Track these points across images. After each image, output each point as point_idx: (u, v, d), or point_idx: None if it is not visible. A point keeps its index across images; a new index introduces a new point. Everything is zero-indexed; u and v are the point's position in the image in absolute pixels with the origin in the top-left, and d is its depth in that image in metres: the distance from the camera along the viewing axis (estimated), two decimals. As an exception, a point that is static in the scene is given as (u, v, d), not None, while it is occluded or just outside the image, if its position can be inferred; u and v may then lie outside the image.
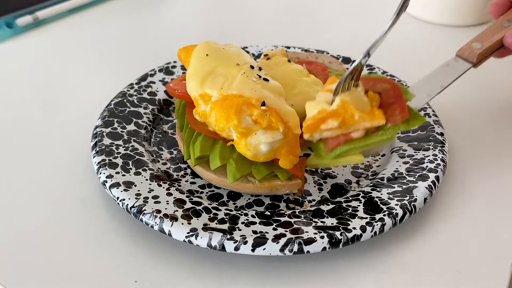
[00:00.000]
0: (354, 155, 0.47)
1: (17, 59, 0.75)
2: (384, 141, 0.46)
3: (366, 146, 0.46)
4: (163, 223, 0.44)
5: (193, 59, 0.52)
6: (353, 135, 0.46)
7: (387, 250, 0.46)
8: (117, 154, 0.52)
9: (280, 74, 0.54)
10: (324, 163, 0.48)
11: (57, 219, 0.49)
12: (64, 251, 0.46)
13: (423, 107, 0.52)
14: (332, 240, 0.43)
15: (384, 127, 0.46)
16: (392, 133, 0.46)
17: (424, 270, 0.44)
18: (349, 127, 0.45)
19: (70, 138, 0.58)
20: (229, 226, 0.44)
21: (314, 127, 0.46)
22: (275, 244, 0.43)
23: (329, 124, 0.45)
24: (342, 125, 0.45)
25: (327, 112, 0.45)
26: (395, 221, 0.45)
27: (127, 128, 0.56)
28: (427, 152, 0.52)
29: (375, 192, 0.48)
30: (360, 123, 0.45)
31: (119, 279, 0.43)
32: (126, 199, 0.46)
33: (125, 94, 0.60)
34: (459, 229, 0.48)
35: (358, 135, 0.46)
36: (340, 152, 0.46)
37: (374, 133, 0.46)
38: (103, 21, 0.84)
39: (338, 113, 0.45)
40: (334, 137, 0.46)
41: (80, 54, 0.76)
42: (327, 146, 0.47)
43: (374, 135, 0.46)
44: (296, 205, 0.49)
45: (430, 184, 0.48)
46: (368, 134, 0.46)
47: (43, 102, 0.65)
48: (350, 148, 0.46)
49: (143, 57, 0.74)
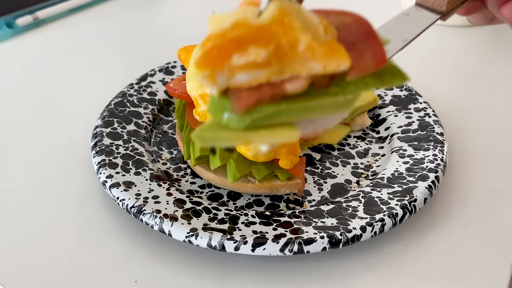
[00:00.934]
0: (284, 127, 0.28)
1: (17, 59, 0.75)
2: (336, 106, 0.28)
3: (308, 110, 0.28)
4: (163, 223, 0.44)
5: (193, 59, 0.52)
6: (288, 86, 0.27)
7: (387, 250, 0.46)
8: (117, 154, 0.52)
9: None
10: (226, 137, 0.28)
11: (57, 220, 0.49)
12: (64, 251, 0.46)
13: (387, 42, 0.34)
14: (332, 240, 0.43)
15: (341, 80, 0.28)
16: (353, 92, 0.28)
17: (424, 270, 0.44)
18: (283, 68, 0.27)
19: (69, 138, 0.58)
20: (229, 226, 0.44)
21: (220, 56, 0.26)
22: (275, 244, 0.43)
23: (249, 54, 0.26)
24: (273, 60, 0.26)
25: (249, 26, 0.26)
26: (395, 221, 0.45)
27: (127, 128, 0.56)
28: (427, 152, 0.52)
29: (375, 192, 0.48)
30: (304, 63, 0.27)
31: (119, 279, 0.43)
32: (126, 199, 0.46)
33: (125, 94, 0.60)
34: (459, 229, 0.48)
35: (297, 88, 0.27)
36: (259, 116, 0.27)
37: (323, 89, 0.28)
38: (103, 21, 0.84)
39: (269, 31, 0.26)
40: (253, 88, 0.27)
41: (80, 54, 0.76)
42: (239, 103, 0.27)
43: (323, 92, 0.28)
44: (296, 205, 0.49)
45: (430, 184, 0.48)
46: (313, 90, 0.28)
47: (43, 102, 0.65)
48: (278, 111, 0.27)
49: (143, 57, 0.74)
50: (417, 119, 0.57)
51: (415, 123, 0.56)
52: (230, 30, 0.26)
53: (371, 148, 0.56)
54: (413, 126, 0.56)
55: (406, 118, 0.57)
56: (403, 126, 0.56)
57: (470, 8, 0.43)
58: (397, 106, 0.59)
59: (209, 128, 0.28)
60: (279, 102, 0.27)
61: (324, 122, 0.30)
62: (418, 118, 0.57)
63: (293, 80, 0.27)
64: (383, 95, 0.61)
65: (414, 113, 0.58)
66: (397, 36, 0.36)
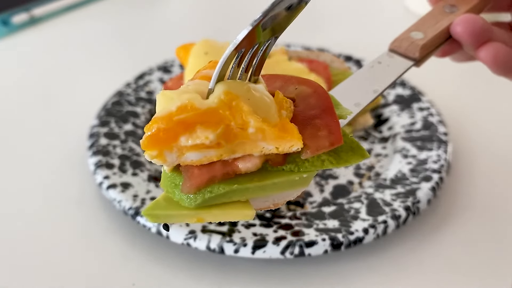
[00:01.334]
0: (238, 205, 0.27)
1: (13, 57, 0.74)
2: (291, 184, 0.28)
3: (262, 189, 0.27)
4: (161, 225, 0.43)
5: (192, 57, 0.51)
6: (241, 165, 0.27)
7: (390, 252, 0.45)
8: (114, 155, 0.51)
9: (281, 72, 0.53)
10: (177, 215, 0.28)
11: (53, 221, 0.48)
12: (60, 253, 0.45)
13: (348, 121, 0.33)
14: (333, 243, 0.42)
15: (295, 157, 0.28)
16: (309, 170, 0.28)
17: (428, 272, 0.43)
18: (235, 148, 0.26)
19: (65, 138, 0.57)
20: (228, 228, 0.44)
21: (167, 138, 0.26)
22: (276, 247, 0.42)
23: (197, 135, 0.26)
24: (222, 142, 0.26)
25: (196, 110, 0.25)
26: (398, 223, 0.44)
27: (124, 128, 0.55)
28: (431, 152, 0.51)
29: (378, 193, 0.47)
30: (255, 143, 0.26)
31: (117, 282, 0.43)
32: (123, 200, 0.46)
33: (122, 93, 0.59)
34: (463, 231, 0.47)
35: (250, 167, 0.27)
36: (210, 195, 0.27)
37: (277, 166, 0.27)
38: (99, 19, 0.84)
39: (216, 114, 0.26)
40: (204, 166, 0.27)
41: (76, 52, 0.75)
42: (189, 182, 0.27)
43: (277, 170, 0.27)
44: (297, 207, 0.48)
45: (434, 185, 0.47)
46: (268, 168, 0.28)
47: (38, 101, 0.65)
48: (231, 191, 0.27)
49: (141, 55, 0.73)
50: (421, 118, 0.56)
51: (419, 122, 0.55)
52: (175, 113, 0.26)
53: (374, 148, 0.55)
54: (417, 126, 0.55)
55: (409, 117, 0.56)
56: (406, 126, 0.55)
57: (446, 50, 0.43)
58: (400, 105, 0.58)
59: (160, 206, 0.28)
60: (232, 180, 0.27)
61: (284, 196, 0.29)
62: (421, 117, 0.56)
63: (246, 159, 0.27)
64: (385, 94, 0.60)
65: (418, 112, 0.57)
66: (368, 87, 0.35)
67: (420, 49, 0.39)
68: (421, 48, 0.39)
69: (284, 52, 0.57)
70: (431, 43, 0.40)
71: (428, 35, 0.39)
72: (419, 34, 0.39)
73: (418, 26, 0.41)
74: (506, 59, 0.39)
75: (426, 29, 0.40)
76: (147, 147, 0.26)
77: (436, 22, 0.40)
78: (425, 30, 0.40)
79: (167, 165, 0.27)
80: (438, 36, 0.40)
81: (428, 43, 0.39)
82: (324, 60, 0.59)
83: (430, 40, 0.39)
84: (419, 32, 0.40)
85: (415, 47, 0.39)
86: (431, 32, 0.40)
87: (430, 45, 0.40)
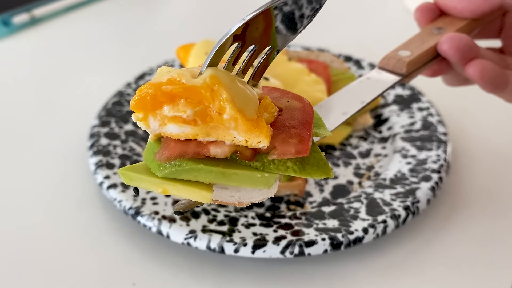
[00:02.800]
0: (200, 186, 0.30)
1: (13, 58, 0.74)
2: (253, 181, 0.30)
3: (223, 176, 0.30)
4: (161, 225, 0.43)
5: (192, 57, 0.51)
6: (213, 149, 0.29)
7: (389, 252, 0.45)
8: (114, 155, 0.51)
9: (280, 73, 0.53)
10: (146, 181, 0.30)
11: (53, 221, 0.48)
12: (61, 253, 0.45)
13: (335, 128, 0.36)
14: (333, 242, 0.42)
15: (263, 157, 0.30)
16: (271, 171, 0.30)
17: (427, 272, 0.44)
18: (209, 131, 0.29)
19: (66, 138, 0.57)
20: (228, 228, 0.44)
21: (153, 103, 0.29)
22: (276, 246, 0.42)
23: (179, 108, 0.28)
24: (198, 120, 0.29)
25: (182, 84, 0.28)
26: (397, 223, 0.44)
27: (125, 128, 0.55)
28: (430, 152, 0.51)
29: (377, 193, 0.47)
30: (228, 131, 0.29)
31: (117, 282, 0.43)
32: (123, 200, 0.46)
33: (123, 93, 0.59)
34: (462, 230, 0.47)
35: (219, 152, 0.29)
36: (178, 169, 0.29)
37: (245, 161, 0.30)
38: (100, 19, 0.84)
39: (198, 92, 0.28)
40: (180, 141, 0.29)
41: (77, 52, 0.75)
42: (163, 151, 0.30)
43: (244, 163, 0.30)
44: (297, 207, 0.48)
45: (434, 185, 0.48)
46: (236, 160, 0.30)
47: (39, 101, 0.65)
48: (195, 169, 0.29)
49: (141, 56, 0.74)
50: (420, 118, 0.56)
51: (418, 122, 0.55)
52: (165, 83, 0.28)
53: (373, 148, 0.55)
54: (416, 126, 0.55)
55: (409, 117, 0.57)
56: (405, 126, 0.56)
57: (436, 70, 0.44)
58: (399, 105, 0.58)
59: (135, 169, 0.31)
60: (200, 160, 0.29)
61: (249, 195, 0.31)
62: (421, 117, 0.56)
63: (217, 144, 0.29)
64: (385, 94, 0.60)
65: (417, 112, 0.57)
66: (356, 98, 0.38)
67: (407, 65, 0.41)
68: (408, 64, 0.41)
69: (284, 53, 0.57)
70: (418, 60, 0.42)
71: (415, 53, 0.42)
72: (406, 52, 0.42)
73: (405, 45, 0.43)
74: (492, 74, 0.40)
75: (413, 48, 0.42)
76: (135, 108, 0.29)
77: (423, 42, 0.43)
78: (412, 49, 0.42)
79: (150, 131, 0.30)
80: (424, 54, 0.42)
81: (415, 60, 0.41)
82: (324, 60, 0.59)
83: (417, 58, 0.41)
84: (406, 51, 0.42)
85: (402, 63, 0.41)
86: (417, 50, 0.42)
87: (417, 62, 0.42)
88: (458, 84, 0.46)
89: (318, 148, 0.31)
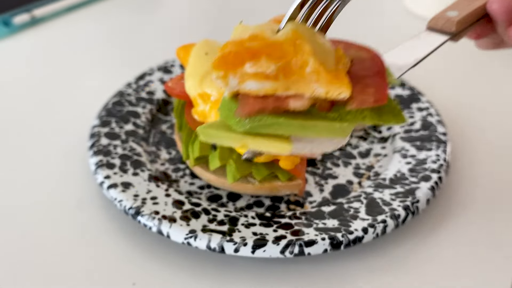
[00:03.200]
0: (279, 140, 0.30)
1: (14, 58, 0.74)
2: (331, 131, 0.30)
3: (303, 128, 0.30)
4: (161, 225, 0.44)
5: (192, 57, 0.51)
6: (291, 103, 0.29)
7: (389, 252, 0.45)
8: (114, 155, 0.51)
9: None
10: (226, 137, 0.31)
11: (53, 221, 0.48)
12: (60, 253, 0.45)
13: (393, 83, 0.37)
14: (333, 242, 0.43)
15: (341, 108, 0.30)
16: (351, 121, 0.30)
17: (427, 272, 0.44)
18: (289, 85, 0.29)
19: (66, 138, 0.57)
20: (228, 228, 0.44)
21: (235, 61, 0.29)
22: (276, 246, 0.42)
23: (261, 65, 0.28)
24: (280, 75, 0.28)
25: (264, 40, 0.28)
26: (397, 223, 0.45)
27: (125, 128, 0.55)
28: (430, 152, 0.51)
29: (377, 193, 0.48)
30: (309, 84, 0.29)
31: (117, 282, 0.43)
32: (124, 200, 0.46)
33: (123, 93, 0.59)
34: (462, 231, 0.47)
35: (298, 106, 0.29)
36: (259, 123, 0.29)
37: (323, 112, 0.30)
38: (100, 20, 0.84)
39: (281, 47, 0.28)
40: (259, 97, 0.29)
41: (77, 52, 0.75)
42: (244, 107, 0.30)
43: (322, 115, 0.30)
44: (296, 206, 0.48)
45: (433, 185, 0.48)
46: (314, 112, 0.30)
47: (40, 101, 0.65)
48: (276, 123, 0.29)
49: (141, 56, 0.74)
50: (420, 118, 0.56)
51: (418, 122, 0.56)
52: (247, 40, 0.29)
53: (373, 148, 0.55)
54: (416, 126, 0.55)
55: (408, 117, 0.57)
56: (405, 126, 0.56)
57: (479, 32, 0.45)
58: (399, 105, 0.58)
59: (214, 126, 0.31)
60: (279, 115, 0.29)
61: (322, 146, 0.32)
62: (420, 117, 0.56)
63: (297, 98, 0.29)
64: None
65: (417, 112, 0.57)
66: (409, 56, 0.39)
67: (456, 24, 0.41)
68: (457, 23, 0.41)
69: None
70: (466, 20, 0.42)
71: (463, 13, 0.42)
72: (454, 12, 0.42)
73: (452, 7, 0.43)
74: None
75: (460, 9, 0.43)
76: (217, 66, 0.29)
77: (470, 3, 0.43)
78: (460, 9, 0.43)
79: (228, 89, 0.30)
80: (472, 14, 0.42)
81: (463, 19, 0.42)
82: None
83: (464, 17, 0.42)
84: (454, 11, 0.43)
85: (451, 23, 0.42)
86: (465, 11, 0.42)
87: (464, 22, 0.42)
88: (493, 47, 0.47)
89: (391, 98, 0.31)
